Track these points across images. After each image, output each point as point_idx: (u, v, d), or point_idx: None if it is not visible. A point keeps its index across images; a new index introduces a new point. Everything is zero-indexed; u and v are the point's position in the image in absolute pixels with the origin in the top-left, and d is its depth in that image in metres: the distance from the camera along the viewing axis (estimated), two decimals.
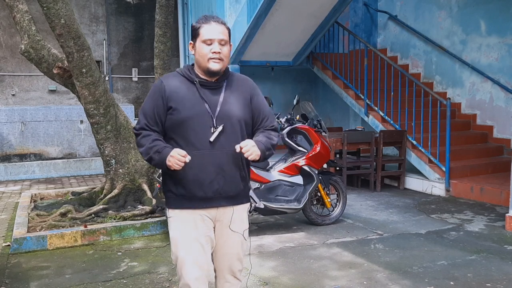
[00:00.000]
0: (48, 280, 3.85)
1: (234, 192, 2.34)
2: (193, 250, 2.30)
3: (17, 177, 8.64)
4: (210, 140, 2.24)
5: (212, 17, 2.32)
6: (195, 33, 2.30)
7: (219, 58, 2.26)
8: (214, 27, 2.28)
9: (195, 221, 2.32)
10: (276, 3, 7.12)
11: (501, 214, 5.62)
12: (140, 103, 10.42)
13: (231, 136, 2.28)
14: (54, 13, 4.78)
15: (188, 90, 2.30)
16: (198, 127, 2.25)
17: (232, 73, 2.43)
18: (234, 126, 2.30)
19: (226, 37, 2.30)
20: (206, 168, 2.26)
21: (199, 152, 2.25)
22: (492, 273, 3.89)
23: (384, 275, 3.86)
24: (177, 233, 2.34)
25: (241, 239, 2.43)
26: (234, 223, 2.38)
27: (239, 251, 2.44)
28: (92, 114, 5.40)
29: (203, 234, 2.33)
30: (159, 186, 4.87)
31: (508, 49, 7.86)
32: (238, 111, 2.32)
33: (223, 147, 2.27)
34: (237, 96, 2.35)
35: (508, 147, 7.86)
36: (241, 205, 2.42)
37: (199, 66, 2.32)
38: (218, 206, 2.34)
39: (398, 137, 7.22)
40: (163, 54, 6.74)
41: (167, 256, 4.39)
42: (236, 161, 2.31)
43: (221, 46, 2.28)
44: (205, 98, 2.29)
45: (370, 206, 6.22)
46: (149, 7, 10.08)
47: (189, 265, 2.29)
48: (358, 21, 10.37)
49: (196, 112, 2.26)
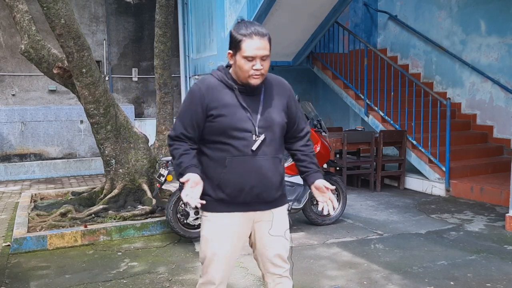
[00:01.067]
0: (48, 280, 3.86)
1: (273, 197, 2.32)
2: (223, 252, 2.30)
3: (17, 177, 8.64)
4: (252, 149, 2.22)
5: (255, 30, 2.17)
6: (236, 46, 2.19)
7: (261, 74, 2.20)
8: (257, 43, 2.16)
9: (229, 225, 2.30)
10: (276, 3, 7.11)
11: (501, 214, 5.62)
12: (140, 103, 10.43)
13: (271, 142, 2.28)
14: (54, 13, 4.78)
15: (227, 97, 2.24)
16: (240, 134, 2.21)
17: (268, 76, 2.36)
18: (274, 133, 2.29)
19: (268, 51, 2.20)
20: (247, 174, 2.23)
21: (240, 158, 2.22)
22: (492, 273, 3.89)
23: (384, 275, 3.86)
24: (209, 234, 2.32)
25: (283, 241, 2.38)
26: (274, 226, 2.35)
27: (282, 251, 2.39)
28: (92, 114, 5.40)
29: (235, 237, 2.32)
30: (159, 186, 4.87)
31: (508, 49, 7.86)
32: (277, 118, 2.30)
33: (264, 153, 2.25)
34: (276, 101, 2.33)
35: (508, 147, 7.86)
36: (280, 207, 2.39)
37: (238, 77, 2.25)
38: (257, 210, 2.32)
39: (398, 137, 7.22)
40: (163, 54, 6.75)
41: (167, 256, 4.39)
42: (276, 167, 2.30)
43: (262, 61, 2.19)
44: (245, 105, 2.24)
45: (370, 206, 6.22)
46: (149, 7, 10.08)
47: (217, 265, 2.31)
48: (358, 21, 10.37)
49: (238, 119, 2.22)
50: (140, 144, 5.79)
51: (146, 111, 10.48)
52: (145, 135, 5.96)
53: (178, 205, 4.73)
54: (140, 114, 10.35)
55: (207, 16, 9.50)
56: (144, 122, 9.93)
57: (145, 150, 5.81)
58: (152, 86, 10.10)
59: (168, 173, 4.73)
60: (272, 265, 2.39)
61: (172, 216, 4.65)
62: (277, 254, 2.37)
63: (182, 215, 4.73)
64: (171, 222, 4.65)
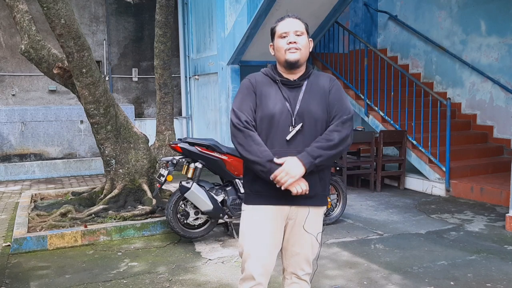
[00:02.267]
0: (48, 280, 3.86)
1: (310, 193, 2.27)
2: (258, 246, 2.31)
3: (17, 177, 8.65)
4: (286, 139, 2.24)
5: (288, 15, 2.34)
6: (273, 33, 2.34)
7: (296, 48, 2.26)
8: (289, 21, 2.30)
9: (265, 219, 2.31)
10: (276, 3, 7.12)
11: (501, 214, 5.62)
12: (140, 103, 10.42)
13: (309, 135, 2.26)
14: (54, 13, 4.78)
15: (271, 89, 2.31)
16: (278, 125, 2.25)
17: (314, 72, 2.41)
18: (312, 125, 2.28)
19: (302, 28, 2.29)
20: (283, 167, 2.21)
21: (276, 150, 2.24)
22: (492, 273, 3.89)
23: (384, 275, 3.86)
24: (246, 228, 2.35)
25: (313, 241, 2.37)
26: (309, 224, 2.33)
27: (309, 253, 2.38)
28: (92, 114, 5.40)
29: (271, 232, 2.32)
30: (159, 186, 4.87)
31: (508, 49, 7.86)
32: (317, 110, 2.29)
33: (298, 146, 2.24)
34: (317, 94, 2.33)
35: (508, 147, 7.86)
36: (317, 207, 2.37)
37: (279, 62, 2.34)
38: (292, 205, 2.31)
39: (398, 137, 7.22)
40: (163, 54, 6.75)
41: (167, 256, 4.39)
42: None
43: (297, 36, 2.27)
44: (286, 96, 2.29)
45: (370, 206, 6.22)
46: (149, 7, 10.08)
47: (253, 259, 2.31)
48: (358, 21, 10.37)
49: (278, 110, 2.26)
50: (140, 144, 5.79)
51: (146, 111, 10.48)
52: (145, 135, 5.96)
53: (178, 205, 4.73)
54: (140, 114, 10.35)
55: (207, 16, 9.50)
56: (144, 122, 9.94)
57: (145, 150, 5.81)
58: (152, 86, 10.10)
59: (168, 173, 4.73)
60: (295, 264, 2.38)
61: (172, 216, 4.65)
62: (303, 254, 2.36)
63: (182, 215, 4.73)
64: (171, 222, 4.65)
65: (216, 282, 3.76)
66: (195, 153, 4.69)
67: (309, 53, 2.36)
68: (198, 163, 4.71)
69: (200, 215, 4.77)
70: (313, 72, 2.40)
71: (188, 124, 10.44)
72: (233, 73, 8.43)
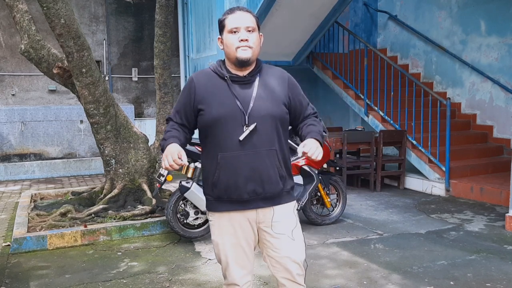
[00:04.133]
0: (48, 280, 3.86)
1: (272, 193, 2.19)
2: (234, 254, 2.24)
3: (17, 177, 8.64)
4: (239, 139, 2.11)
5: (238, 7, 2.21)
6: (221, 26, 2.20)
7: (248, 46, 2.13)
8: (240, 15, 2.16)
9: (233, 226, 2.22)
10: (276, 3, 7.12)
11: (501, 214, 5.62)
12: (140, 103, 10.43)
13: (264, 135, 2.15)
14: (54, 13, 4.78)
15: (218, 87, 2.18)
16: (230, 126, 2.13)
17: (265, 66, 2.28)
18: (268, 124, 2.15)
19: (253, 24, 2.16)
20: (239, 170, 2.13)
21: (231, 153, 2.13)
22: (492, 273, 3.89)
23: (383, 275, 3.86)
24: (217, 238, 2.27)
25: (289, 240, 2.23)
26: (277, 224, 2.22)
27: (290, 253, 2.23)
28: (92, 114, 5.40)
29: (243, 237, 2.24)
30: (159, 186, 4.87)
31: (508, 49, 7.86)
32: (272, 107, 2.17)
33: (255, 146, 2.13)
34: (272, 91, 2.20)
35: (508, 147, 7.86)
36: (282, 204, 2.24)
37: (229, 59, 2.20)
38: (257, 208, 2.20)
39: (398, 137, 7.22)
40: (163, 54, 6.73)
41: (167, 256, 4.39)
42: (271, 160, 2.17)
43: (248, 33, 2.14)
44: (236, 95, 2.15)
45: (370, 206, 6.22)
46: (149, 7, 10.08)
47: (232, 267, 2.25)
48: (358, 21, 10.37)
49: (227, 110, 2.13)
50: (140, 144, 5.79)
51: (146, 111, 10.48)
52: (145, 135, 5.96)
53: (178, 205, 4.73)
54: (140, 114, 10.35)
55: (207, 16, 9.50)
56: (144, 122, 9.94)
57: (145, 150, 5.81)
58: (152, 86, 10.10)
59: (168, 173, 4.73)
60: (281, 267, 2.25)
61: (172, 216, 4.65)
62: (285, 255, 2.23)
63: (182, 215, 4.73)
64: (171, 222, 4.65)
65: (216, 281, 3.76)
66: (195, 153, 4.68)
67: (260, 49, 2.23)
68: (198, 163, 4.71)
69: (200, 215, 4.77)
70: (263, 67, 2.26)
71: None
72: None
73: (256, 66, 2.23)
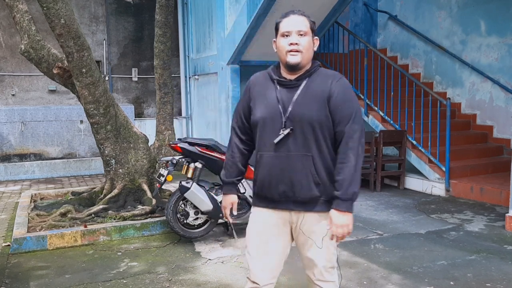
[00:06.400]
0: (48, 280, 3.86)
1: (303, 198, 2.20)
2: (257, 248, 2.30)
3: (17, 177, 8.64)
4: (274, 142, 2.18)
5: (293, 11, 2.25)
6: (276, 29, 2.25)
7: (297, 50, 2.15)
8: (293, 19, 2.20)
9: (265, 220, 2.29)
10: (276, 3, 7.11)
11: (501, 214, 5.62)
12: (140, 103, 10.43)
13: (300, 139, 2.16)
14: (54, 13, 4.78)
15: (267, 89, 2.26)
16: (269, 128, 2.20)
17: (319, 70, 2.26)
18: (304, 128, 2.15)
19: (305, 28, 2.18)
20: (272, 171, 2.21)
21: (267, 154, 2.22)
22: (492, 273, 3.89)
23: (383, 275, 3.86)
24: (248, 228, 2.36)
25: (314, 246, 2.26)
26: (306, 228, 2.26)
27: (316, 257, 2.27)
28: (92, 114, 5.40)
29: (271, 235, 2.28)
30: (159, 186, 4.87)
31: (508, 49, 7.86)
32: (310, 113, 2.15)
33: (289, 149, 2.17)
34: (314, 95, 2.17)
35: (508, 147, 7.86)
36: (315, 213, 2.23)
37: (281, 62, 2.24)
38: (289, 209, 2.25)
39: (398, 137, 7.22)
40: (163, 54, 6.74)
41: (167, 256, 4.39)
42: (304, 165, 2.17)
43: (299, 37, 2.17)
44: (279, 98, 2.20)
45: (370, 206, 6.22)
46: (149, 7, 10.08)
47: (253, 260, 2.31)
48: (358, 21, 10.37)
49: (269, 112, 2.20)
50: (140, 144, 5.79)
51: (146, 111, 10.48)
52: (145, 135, 5.96)
53: (178, 205, 4.73)
54: (140, 114, 10.35)
55: (207, 16, 9.50)
56: (144, 122, 9.94)
57: (145, 150, 5.81)
58: (152, 86, 10.10)
59: (168, 173, 4.73)
60: (307, 267, 2.35)
61: (172, 216, 4.65)
62: (309, 258, 2.29)
63: (182, 215, 4.73)
64: (171, 222, 4.65)
65: (216, 282, 3.76)
66: (195, 153, 4.69)
67: (313, 52, 2.24)
68: (198, 163, 4.71)
69: (200, 215, 4.77)
70: (316, 71, 2.25)
71: (188, 124, 10.44)
72: (233, 73, 8.43)
73: (307, 70, 2.23)
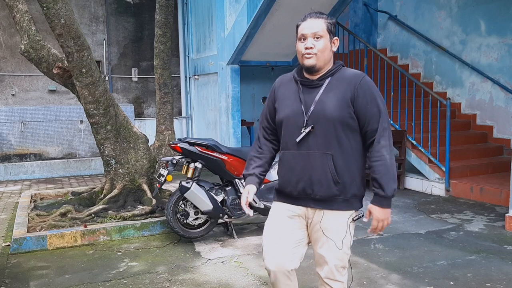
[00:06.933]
0: (48, 280, 3.86)
1: (322, 196, 2.22)
2: (273, 240, 2.34)
3: (17, 177, 8.64)
4: (296, 141, 2.24)
5: (310, 14, 2.28)
6: (296, 33, 2.31)
7: (312, 53, 2.20)
8: (309, 23, 2.23)
9: (283, 215, 2.35)
10: (276, 3, 7.11)
11: (501, 214, 5.62)
12: (140, 103, 10.42)
13: (321, 138, 2.20)
14: (54, 13, 4.78)
15: (291, 90, 2.32)
16: (292, 127, 2.27)
17: (341, 70, 2.29)
18: (326, 127, 2.19)
19: (321, 31, 2.21)
20: (293, 168, 2.27)
21: (289, 152, 2.29)
22: (492, 273, 3.89)
23: (383, 275, 3.86)
24: (266, 221, 2.43)
25: (332, 245, 2.26)
26: (325, 226, 2.27)
27: (328, 256, 2.27)
28: (92, 114, 5.40)
29: (287, 229, 2.33)
30: (159, 186, 4.87)
31: (508, 49, 7.86)
32: (332, 111, 2.18)
33: (310, 148, 2.22)
34: (336, 95, 2.20)
35: (508, 147, 7.86)
36: (334, 211, 2.25)
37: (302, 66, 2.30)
38: (307, 206, 2.30)
39: (398, 137, 7.22)
40: (163, 54, 6.74)
41: (167, 256, 4.39)
42: (324, 164, 2.20)
43: (315, 40, 2.20)
44: (301, 98, 2.26)
45: None
46: (149, 7, 10.08)
47: (268, 252, 2.35)
48: (358, 21, 10.37)
49: (291, 112, 2.27)
50: (140, 144, 5.79)
51: (146, 111, 10.48)
52: (145, 135, 5.96)
53: (178, 205, 4.73)
54: (140, 114, 10.35)
55: (207, 16, 9.50)
56: (144, 122, 9.94)
57: (145, 150, 5.81)
58: (152, 86, 10.10)
59: (168, 173, 4.73)
60: (317, 263, 2.36)
61: (171, 216, 4.65)
62: (322, 255, 2.30)
63: (182, 215, 4.73)
64: (171, 222, 4.65)
65: (215, 282, 3.76)
66: (195, 153, 4.69)
67: (332, 53, 2.26)
68: (198, 163, 4.71)
69: (200, 215, 4.77)
70: (339, 70, 2.27)
71: (188, 124, 10.44)
72: (233, 73, 8.43)
73: (329, 70, 2.26)
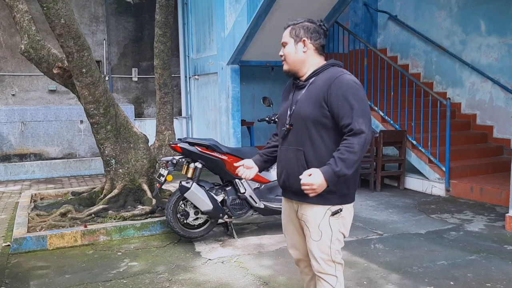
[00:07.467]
0: (48, 280, 3.86)
1: (298, 188, 2.30)
2: (286, 231, 2.64)
3: (17, 177, 8.64)
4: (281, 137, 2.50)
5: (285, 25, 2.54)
6: None
7: (283, 60, 2.49)
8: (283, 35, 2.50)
9: (284, 208, 2.61)
10: (276, 3, 7.11)
11: (501, 214, 5.62)
12: (140, 103, 10.42)
13: (297, 135, 2.39)
14: (54, 13, 4.78)
15: (288, 91, 2.57)
16: (281, 124, 2.51)
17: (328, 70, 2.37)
18: (301, 125, 2.36)
19: (285, 38, 2.47)
20: (279, 162, 2.53)
21: (279, 147, 2.54)
22: (492, 273, 3.89)
23: (383, 275, 3.86)
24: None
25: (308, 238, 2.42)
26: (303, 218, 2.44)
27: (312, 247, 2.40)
28: (92, 114, 5.40)
29: (288, 218, 2.59)
30: (159, 186, 4.87)
31: (508, 49, 7.86)
32: (306, 111, 2.34)
33: (289, 144, 2.43)
34: (313, 95, 2.35)
35: (508, 147, 7.86)
36: (309, 204, 2.37)
37: None
38: (291, 198, 2.51)
39: (398, 137, 7.22)
40: (163, 54, 6.74)
41: (167, 256, 4.39)
42: (298, 159, 2.38)
43: (284, 48, 2.48)
44: (290, 98, 2.48)
45: (370, 206, 6.22)
46: (149, 7, 10.08)
47: (287, 241, 2.67)
48: (358, 21, 10.37)
49: (283, 110, 2.51)
50: (140, 144, 5.79)
51: (146, 111, 10.48)
52: (145, 135, 5.96)
53: (178, 205, 4.73)
54: (140, 114, 10.35)
55: (207, 16, 9.50)
56: (144, 122, 9.94)
57: (145, 150, 5.81)
58: (152, 86, 10.10)
59: (168, 173, 4.73)
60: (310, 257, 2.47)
61: (172, 216, 4.65)
62: (308, 248, 2.45)
63: (182, 215, 4.73)
64: (171, 222, 4.65)
65: (215, 281, 3.76)
66: (195, 153, 4.69)
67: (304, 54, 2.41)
68: (198, 163, 4.71)
69: (200, 215, 4.77)
70: (325, 70, 2.38)
71: (188, 124, 10.44)
72: (233, 73, 8.43)
73: (314, 70, 2.42)
